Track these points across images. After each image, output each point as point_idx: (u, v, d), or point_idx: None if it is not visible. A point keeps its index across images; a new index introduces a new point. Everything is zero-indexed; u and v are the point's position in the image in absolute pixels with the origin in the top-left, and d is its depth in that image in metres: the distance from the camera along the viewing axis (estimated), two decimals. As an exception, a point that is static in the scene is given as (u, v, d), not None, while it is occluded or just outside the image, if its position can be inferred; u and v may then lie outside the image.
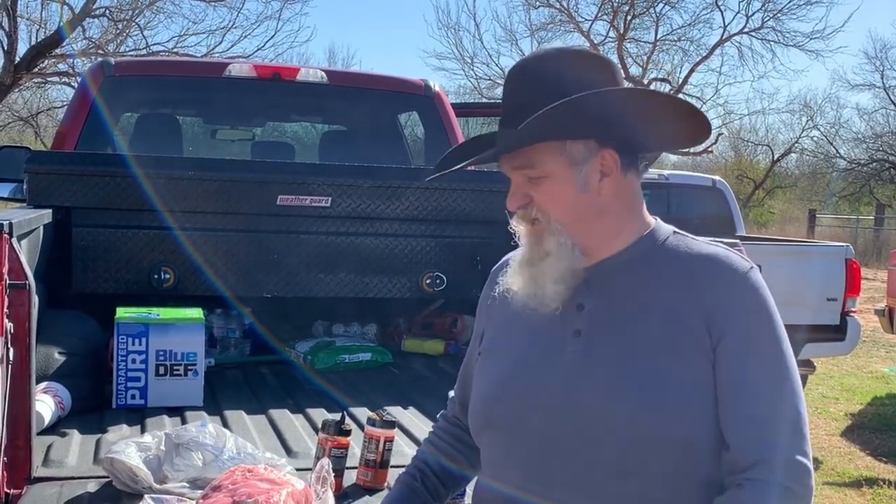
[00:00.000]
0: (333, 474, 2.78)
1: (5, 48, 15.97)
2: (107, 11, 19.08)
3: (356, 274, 4.59)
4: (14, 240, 2.96)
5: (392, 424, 3.11)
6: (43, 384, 3.59)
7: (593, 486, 1.92)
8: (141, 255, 4.32)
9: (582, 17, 31.66)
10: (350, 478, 3.08)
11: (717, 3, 31.65)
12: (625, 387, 1.91)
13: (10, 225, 2.95)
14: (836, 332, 8.66)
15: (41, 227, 3.77)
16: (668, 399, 1.88)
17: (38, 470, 3.03)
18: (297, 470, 2.99)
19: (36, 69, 17.00)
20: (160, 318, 3.91)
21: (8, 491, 2.86)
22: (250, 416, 3.79)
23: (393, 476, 3.06)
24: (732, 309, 1.92)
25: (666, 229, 2.09)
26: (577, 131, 1.93)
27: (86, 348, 3.97)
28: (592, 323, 2.00)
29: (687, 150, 33.68)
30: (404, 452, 3.34)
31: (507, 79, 2.04)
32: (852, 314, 8.71)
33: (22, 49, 16.06)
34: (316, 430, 3.32)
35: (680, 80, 32.48)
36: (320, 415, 3.67)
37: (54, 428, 3.49)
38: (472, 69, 34.05)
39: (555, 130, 1.92)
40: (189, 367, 3.91)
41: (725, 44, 32.29)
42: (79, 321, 4.13)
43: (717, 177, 12.06)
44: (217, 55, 21.19)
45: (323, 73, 5.91)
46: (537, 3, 31.57)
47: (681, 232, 2.09)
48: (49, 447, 3.26)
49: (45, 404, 3.47)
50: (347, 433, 3.07)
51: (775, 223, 38.18)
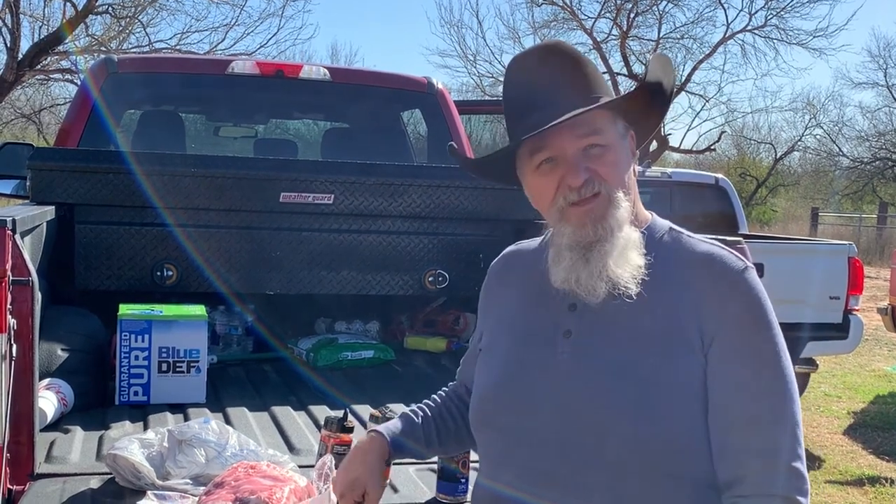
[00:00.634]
0: (335, 471, 2.78)
1: (8, 45, 15.98)
2: (109, 8, 19.08)
3: (359, 271, 4.59)
4: (17, 236, 2.96)
5: (394, 421, 3.11)
6: (46, 381, 3.59)
7: (586, 487, 1.92)
8: (144, 252, 4.32)
9: (585, 15, 31.58)
10: (352, 475, 3.08)
11: (720, 1, 31.55)
12: (615, 388, 1.90)
13: (14, 221, 2.95)
14: (839, 331, 8.63)
15: (44, 224, 3.77)
16: (660, 400, 1.88)
17: (41, 466, 3.03)
18: (300, 467, 2.99)
19: (39, 66, 17.01)
20: (163, 315, 3.92)
21: (11, 487, 2.87)
22: (253, 413, 3.80)
23: (395, 473, 3.06)
24: (725, 311, 1.91)
25: (662, 225, 2.09)
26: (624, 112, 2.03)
27: (89, 345, 3.98)
28: (584, 323, 1.99)
29: (689, 148, 33.75)
30: (407, 449, 3.34)
31: (546, 59, 2.02)
32: (855, 312, 8.69)
33: (25, 46, 16.09)
34: (318, 427, 3.32)
35: (683, 78, 32.42)
36: (323, 412, 3.68)
37: (57, 424, 3.49)
38: (475, 67, 34.03)
39: (618, 103, 2.00)
40: (192, 364, 3.91)
41: (728, 42, 32.20)
42: (82, 318, 4.13)
43: (720, 175, 12.04)
44: (220, 52, 21.19)
45: (326, 71, 5.91)
46: (540, 1, 31.49)
47: (676, 228, 2.09)
48: (52, 444, 3.27)
49: (48, 401, 3.48)
50: (350, 430, 3.07)
51: (778, 221, 38.16)
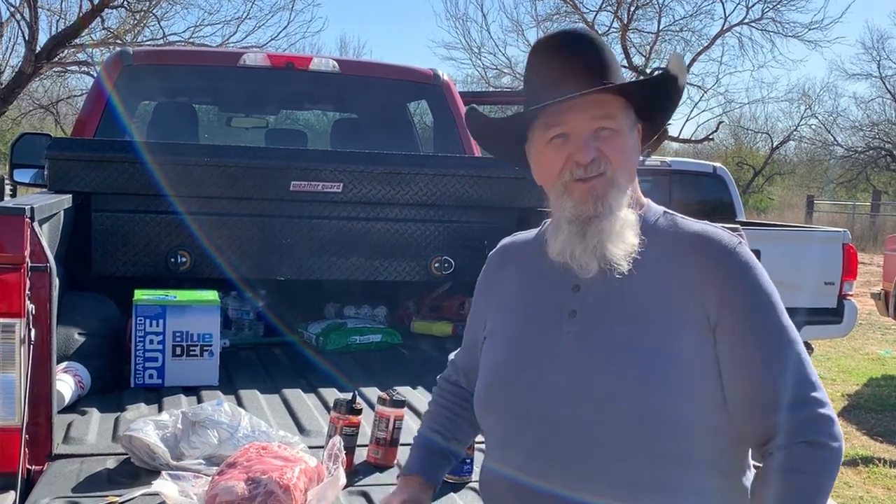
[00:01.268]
0: (345, 452, 2.78)
1: (26, 38, 15.95)
2: (125, 2, 19.02)
3: (367, 258, 4.59)
4: (35, 224, 2.96)
5: (402, 404, 3.11)
6: (63, 364, 3.59)
7: (592, 466, 1.91)
8: (158, 240, 4.32)
9: (587, 8, 31.42)
10: (361, 455, 3.08)
11: (719, -6, 31.48)
12: (622, 362, 1.90)
13: (32, 209, 2.95)
14: (834, 315, 8.64)
15: (62, 212, 3.77)
16: (666, 373, 1.88)
17: (59, 447, 3.04)
18: (310, 447, 2.99)
19: (56, 59, 16.99)
20: (177, 301, 3.92)
21: (30, 467, 2.87)
22: (264, 396, 3.80)
23: (402, 454, 3.06)
24: (726, 287, 1.92)
25: (657, 209, 2.11)
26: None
27: (105, 329, 3.98)
28: (588, 303, 2.00)
29: (688, 138, 33.67)
30: (413, 431, 3.33)
31: (570, 43, 2.04)
32: (849, 297, 8.70)
33: (42, 39, 16.06)
34: (328, 409, 3.32)
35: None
36: (332, 394, 3.67)
37: (74, 406, 3.50)
38: (480, 59, 33.96)
39: (635, 90, 2.03)
40: (205, 348, 3.91)
41: (726, 34, 32.06)
42: (98, 303, 4.13)
43: (718, 164, 12.02)
44: (232, 45, 21.13)
45: (335, 63, 5.90)
46: (543, -6, 31.45)
47: (670, 212, 2.10)
48: (69, 425, 3.27)
49: (66, 383, 3.48)
50: (358, 412, 3.07)
51: (774, 209, 38.14)
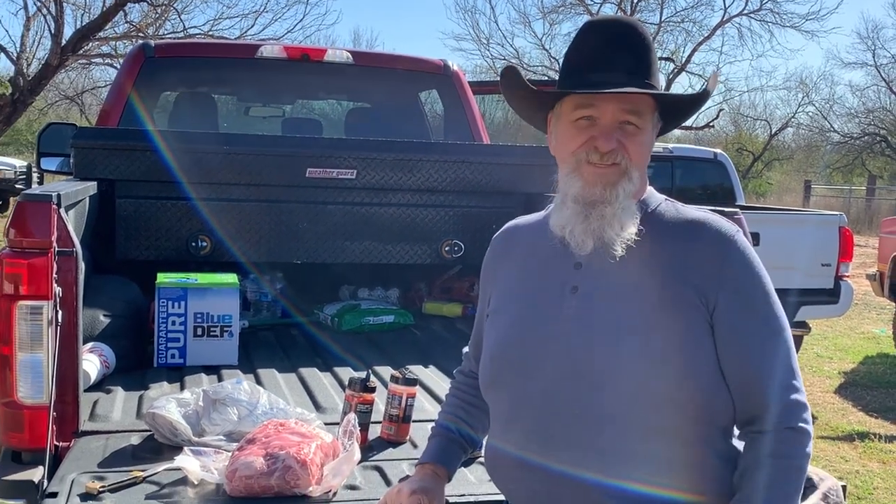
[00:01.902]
0: (359, 428, 2.79)
1: (52, 32, 15.93)
2: (147, -4, 19.03)
3: (380, 241, 4.58)
4: (62, 210, 2.97)
5: (414, 382, 3.11)
6: (89, 344, 3.60)
7: (587, 440, 1.92)
8: (180, 225, 4.32)
9: (592, 0, 31.39)
10: (375, 432, 3.09)
11: (719, -14, 31.34)
12: (616, 344, 1.91)
13: (59, 196, 2.96)
14: (831, 296, 8.61)
15: (87, 199, 3.77)
16: (658, 355, 1.88)
17: (85, 424, 3.05)
18: (326, 424, 3.00)
19: (81, 51, 16.97)
20: (198, 283, 3.92)
21: (57, 443, 2.88)
22: (282, 374, 3.80)
23: (415, 430, 3.07)
24: (723, 273, 1.93)
25: (658, 196, 2.11)
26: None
27: (129, 311, 3.99)
28: (589, 281, 2.00)
29: (690, 125, 33.53)
30: (425, 408, 3.35)
31: (625, 35, 2.02)
32: (845, 278, 8.66)
33: (68, 33, 16.03)
34: (343, 387, 3.33)
35: (683, 60, 32.25)
36: (347, 373, 3.68)
37: (100, 385, 3.51)
38: (488, 49, 34.05)
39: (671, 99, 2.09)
40: (225, 329, 3.92)
41: (726, 25, 32.06)
42: (122, 286, 4.14)
43: (719, 150, 11.99)
44: (249, 38, 21.12)
45: (348, 54, 5.88)
46: (549, -13, 31.30)
47: (671, 199, 2.11)
48: (95, 403, 3.28)
49: (92, 363, 3.49)
50: (372, 390, 3.07)
51: (773, 193, 38.06)
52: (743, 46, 65.74)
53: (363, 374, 3.09)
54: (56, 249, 2.88)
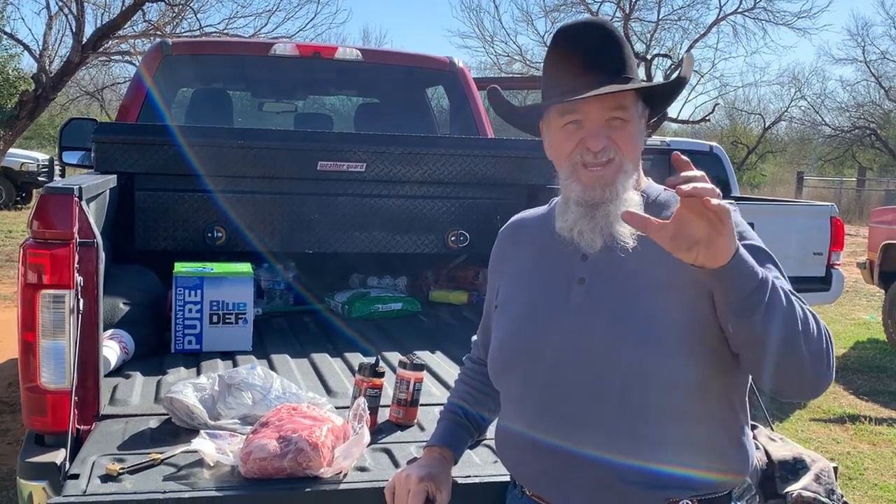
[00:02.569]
0: (369, 412, 2.78)
1: (74, 30, 15.88)
2: (164, -4, 19.00)
3: (388, 232, 4.57)
4: (83, 202, 2.96)
5: (421, 367, 3.10)
6: (109, 331, 3.60)
7: (594, 422, 1.92)
8: (196, 216, 4.32)
9: (592, -1, 31.27)
10: (384, 415, 3.08)
11: (715, -15, 31.24)
12: (626, 328, 1.90)
13: (80, 189, 2.95)
14: (822, 283, 8.60)
15: (107, 191, 3.77)
16: (666, 338, 1.87)
17: (106, 408, 3.05)
18: (337, 408, 2.99)
19: (101, 49, 16.93)
20: (214, 272, 3.92)
21: (79, 427, 2.88)
22: (294, 360, 3.80)
23: (422, 414, 3.06)
24: None
25: (657, 187, 2.11)
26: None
27: (147, 299, 3.99)
28: (595, 271, 2.00)
29: (686, 119, 33.46)
30: (432, 392, 3.35)
31: (592, 36, 2.01)
32: (836, 267, 8.65)
33: (88, 31, 15.98)
34: (353, 372, 3.32)
35: (680, 56, 32.11)
36: (357, 358, 3.68)
37: (119, 371, 3.51)
38: (493, 47, 33.99)
39: (649, 89, 2.06)
40: (240, 316, 3.91)
41: (721, 23, 31.81)
42: (141, 275, 4.14)
43: (714, 143, 11.92)
44: (263, 36, 21.07)
45: (358, 52, 5.87)
46: (551, -14, 31.19)
47: (670, 189, 2.08)
48: (115, 388, 3.28)
49: (112, 349, 3.49)
50: (381, 375, 3.06)
51: (767, 185, 37.99)
52: (737, 43, 65.97)
53: (372, 360, 3.09)
54: (77, 240, 2.87)
